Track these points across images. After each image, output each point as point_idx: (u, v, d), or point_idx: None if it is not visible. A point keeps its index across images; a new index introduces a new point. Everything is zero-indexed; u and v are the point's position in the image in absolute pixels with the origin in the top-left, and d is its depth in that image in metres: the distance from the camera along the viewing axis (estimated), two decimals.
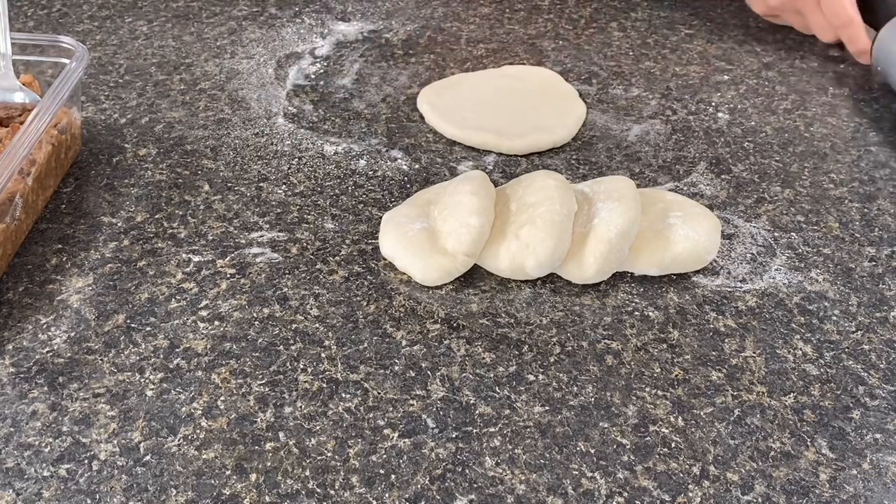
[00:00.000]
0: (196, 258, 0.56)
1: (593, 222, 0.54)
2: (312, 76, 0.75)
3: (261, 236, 0.58)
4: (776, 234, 0.59)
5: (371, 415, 0.47)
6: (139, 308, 0.52)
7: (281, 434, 0.46)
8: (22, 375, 0.48)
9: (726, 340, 0.52)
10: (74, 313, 0.52)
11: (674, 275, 0.56)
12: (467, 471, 0.44)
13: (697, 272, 0.56)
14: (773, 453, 0.45)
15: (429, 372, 0.49)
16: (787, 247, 0.58)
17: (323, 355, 0.50)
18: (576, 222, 0.55)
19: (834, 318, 0.53)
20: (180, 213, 0.60)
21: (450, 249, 0.53)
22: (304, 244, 0.57)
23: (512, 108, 0.70)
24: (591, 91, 0.74)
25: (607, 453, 0.45)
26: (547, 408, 0.47)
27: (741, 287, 0.55)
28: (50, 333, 0.51)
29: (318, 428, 0.46)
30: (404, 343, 0.51)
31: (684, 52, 0.80)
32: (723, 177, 0.65)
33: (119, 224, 0.58)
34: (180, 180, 0.63)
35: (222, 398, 0.47)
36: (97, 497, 0.42)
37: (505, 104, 0.70)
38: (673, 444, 0.46)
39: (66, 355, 0.49)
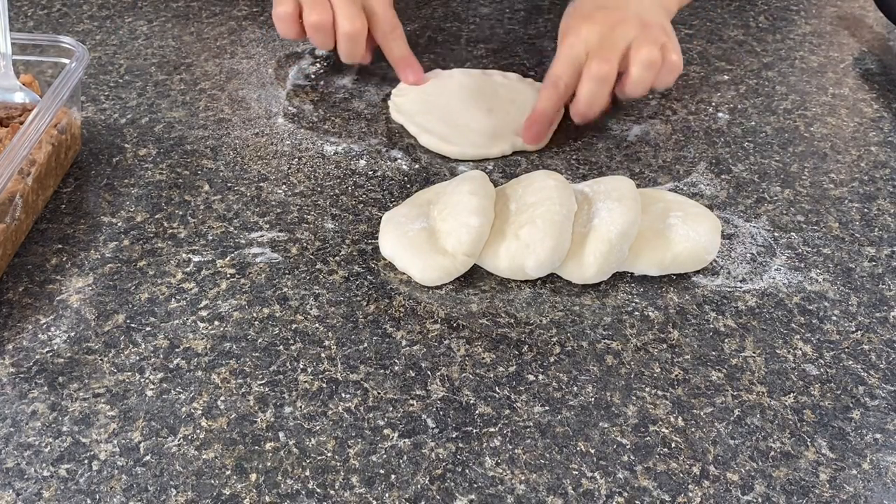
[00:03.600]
0: (196, 258, 0.56)
1: (593, 222, 0.54)
2: (312, 76, 0.75)
3: (261, 236, 0.58)
4: (776, 234, 0.59)
5: (371, 415, 0.47)
6: (139, 308, 0.52)
7: (281, 434, 0.46)
8: (22, 375, 0.48)
9: (726, 340, 0.52)
10: (74, 313, 0.52)
11: (674, 275, 0.56)
12: (467, 471, 0.44)
13: (697, 272, 0.56)
14: (773, 453, 0.45)
15: (429, 372, 0.49)
16: (787, 247, 0.58)
17: (323, 355, 0.50)
18: (576, 222, 0.55)
19: (834, 318, 0.53)
20: (180, 213, 0.60)
21: (450, 249, 0.53)
22: (304, 244, 0.57)
23: (482, 111, 0.70)
24: None
25: (607, 453, 0.45)
26: (547, 408, 0.47)
27: (741, 287, 0.55)
28: (50, 333, 0.51)
29: (318, 428, 0.46)
30: (404, 343, 0.51)
31: (684, 52, 0.80)
32: (723, 177, 0.65)
33: (119, 224, 0.58)
34: (180, 180, 0.63)
35: (222, 398, 0.47)
36: (97, 497, 0.42)
37: (475, 108, 0.70)
38: (673, 444, 0.46)
39: (66, 355, 0.49)
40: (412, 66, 0.72)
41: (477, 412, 0.47)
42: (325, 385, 0.48)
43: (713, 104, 0.73)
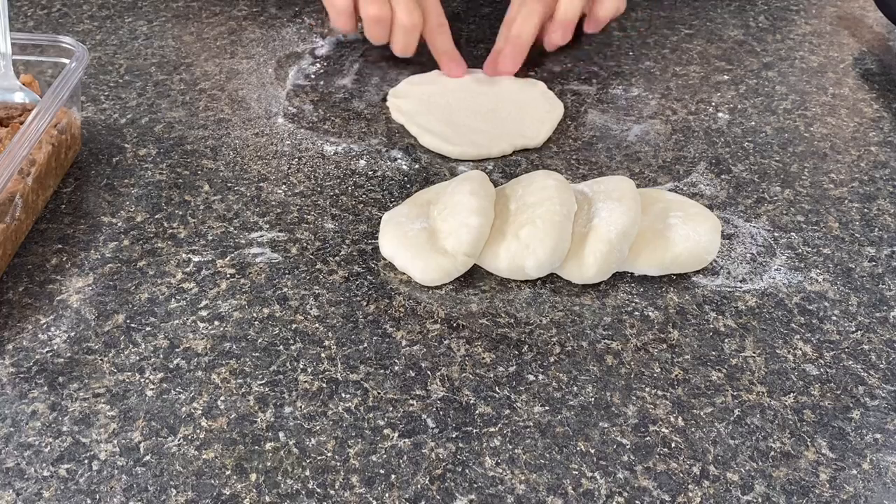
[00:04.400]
0: (196, 258, 0.56)
1: (593, 222, 0.54)
2: (312, 76, 0.75)
3: (261, 236, 0.58)
4: (776, 234, 0.59)
5: (371, 415, 0.47)
6: (139, 308, 0.52)
7: (281, 434, 0.46)
8: (22, 375, 0.48)
9: (726, 340, 0.52)
10: (74, 313, 0.52)
11: (674, 275, 0.56)
12: (467, 471, 0.44)
13: (697, 272, 0.56)
14: (773, 453, 0.45)
15: (429, 372, 0.49)
16: (786, 247, 0.58)
17: (323, 355, 0.50)
18: (576, 222, 0.55)
19: (834, 318, 0.53)
20: (180, 213, 0.60)
21: (450, 249, 0.53)
22: (304, 244, 0.57)
23: (481, 112, 0.70)
24: (591, 91, 0.74)
25: (607, 453, 0.45)
26: (547, 408, 0.47)
27: (741, 287, 0.55)
28: (50, 333, 0.51)
29: (318, 428, 0.46)
30: (404, 343, 0.51)
31: (684, 52, 0.80)
32: (723, 177, 0.65)
33: (119, 224, 0.58)
34: (180, 180, 0.63)
35: (222, 398, 0.47)
36: (97, 497, 0.42)
37: (473, 108, 0.70)
38: (673, 444, 0.46)
39: (66, 355, 0.49)
40: (455, 60, 0.74)
41: (477, 412, 0.47)
42: (325, 385, 0.48)
43: (713, 104, 0.73)
